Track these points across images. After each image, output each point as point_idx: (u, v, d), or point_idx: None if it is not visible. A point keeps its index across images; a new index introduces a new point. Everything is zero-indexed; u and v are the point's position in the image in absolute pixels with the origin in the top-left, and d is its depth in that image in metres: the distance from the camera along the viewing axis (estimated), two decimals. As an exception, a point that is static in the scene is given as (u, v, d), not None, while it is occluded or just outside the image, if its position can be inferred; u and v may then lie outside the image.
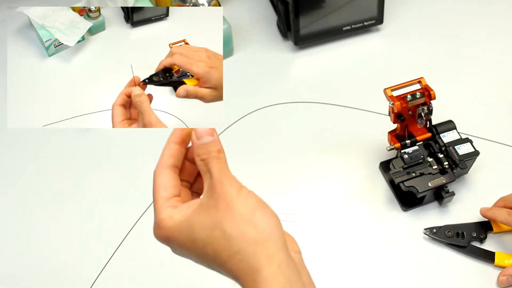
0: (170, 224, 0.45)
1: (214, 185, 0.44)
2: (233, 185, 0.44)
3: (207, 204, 0.44)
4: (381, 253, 0.69)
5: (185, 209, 0.45)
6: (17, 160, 0.78)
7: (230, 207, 0.43)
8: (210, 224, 0.43)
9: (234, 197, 0.43)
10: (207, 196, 0.44)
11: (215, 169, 0.45)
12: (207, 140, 0.46)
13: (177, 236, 0.45)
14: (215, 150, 0.45)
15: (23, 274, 0.68)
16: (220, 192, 0.44)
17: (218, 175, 0.44)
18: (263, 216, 0.44)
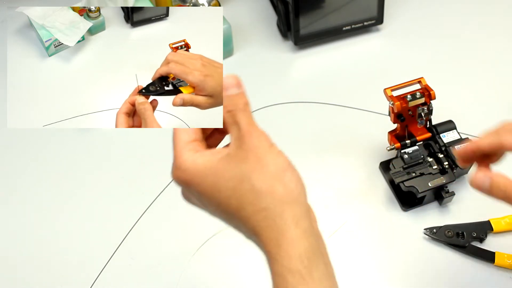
0: (192, 167, 0.43)
1: (243, 136, 0.43)
2: (263, 139, 0.43)
3: (236, 155, 0.43)
4: (381, 253, 0.69)
5: (209, 155, 0.44)
6: (17, 160, 0.78)
7: (260, 161, 0.42)
8: (238, 175, 0.42)
9: (265, 152, 0.43)
10: (236, 147, 0.43)
11: (243, 121, 0.44)
12: (233, 92, 0.45)
13: (200, 182, 0.43)
14: (242, 103, 0.44)
15: (23, 274, 0.68)
16: (250, 143, 0.43)
17: (247, 127, 0.43)
18: (292, 178, 0.43)
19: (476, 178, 0.54)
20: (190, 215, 0.73)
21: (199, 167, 0.43)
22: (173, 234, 0.71)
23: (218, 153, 0.44)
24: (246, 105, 0.45)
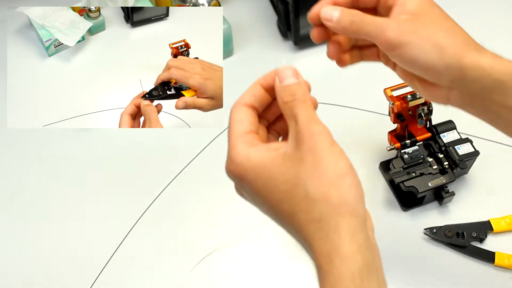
0: (245, 163, 0.41)
1: (302, 133, 0.40)
2: (324, 137, 0.40)
3: (293, 156, 0.40)
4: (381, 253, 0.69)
5: (264, 151, 0.41)
6: (16, 160, 0.78)
7: (318, 164, 0.39)
8: (293, 179, 0.39)
9: (324, 153, 0.39)
10: (293, 146, 0.40)
11: (302, 114, 0.40)
12: (290, 82, 0.42)
13: (253, 179, 0.41)
14: (301, 93, 0.41)
15: (22, 274, 0.68)
16: (308, 143, 0.39)
17: (306, 122, 0.40)
18: (352, 185, 0.40)
19: (324, 10, 0.47)
20: (190, 215, 0.73)
21: (253, 164, 0.41)
22: (173, 234, 0.71)
23: (274, 150, 0.41)
24: (306, 95, 0.42)
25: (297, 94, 0.41)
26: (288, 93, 0.42)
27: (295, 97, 0.41)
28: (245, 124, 0.43)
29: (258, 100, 0.44)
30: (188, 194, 0.74)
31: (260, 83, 0.45)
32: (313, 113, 0.41)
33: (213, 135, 0.79)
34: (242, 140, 0.42)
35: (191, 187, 0.75)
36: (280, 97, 0.42)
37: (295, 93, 0.42)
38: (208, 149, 0.78)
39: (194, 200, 0.74)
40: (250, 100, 0.44)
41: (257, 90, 0.45)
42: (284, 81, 0.42)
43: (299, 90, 0.42)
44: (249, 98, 0.44)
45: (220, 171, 0.76)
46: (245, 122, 0.43)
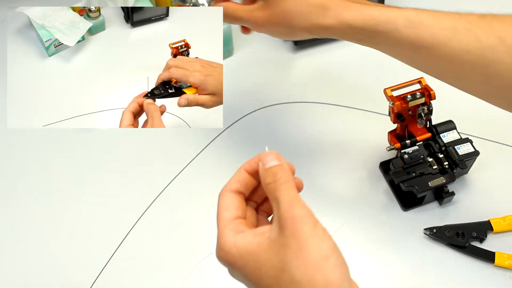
0: (234, 251, 0.42)
1: (284, 218, 0.41)
2: (306, 221, 0.41)
3: (277, 241, 0.41)
4: (381, 253, 0.69)
5: (251, 237, 0.42)
6: (16, 160, 0.78)
7: (302, 248, 0.40)
8: (279, 264, 0.41)
9: (307, 237, 0.40)
10: (277, 231, 0.41)
11: (283, 197, 0.42)
12: (273, 164, 0.44)
13: (242, 266, 0.42)
14: (283, 175, 0.43)
15: (22, 274, 0.68)
16: (291, 229, 0.40)
17: (288, 206, 0.41)
18: (336, 265, 0.41)
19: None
20: (191, 215, 0.73)
21: (241, 252, 0.42)
22: (173, 234, 0.71)
23: (261, 235, 0.42)
24: (288, 177, 0.43)
25: (279, 176, 0.43)
26: (271, 175, 0.43)
27: (277, 179, 0.43)
28: (232, 210, 0.44)
29: (244, 185, 0.46)
30: (188, 194, 0.74)
31: (244, 169, 0.46)
32: (295, 195, 0.42)
33: (213, 135, 0.79)
34: (229, 227, 0.43)
35: (191, 187, 0.75)
36: (263, 180, 0.44)
37: (276, 175, 0.43)
38: (208, 149, 0.78)
39: (194, 200, 0.74)
40: (236, 186, 0.46)
41: (242, 175, 0.46)
42: (267, 164, 0.44)
43: (281, 172, 0.43)
44: (235, 184, 0.46)
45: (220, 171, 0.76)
46: (232, 208, 0.45)
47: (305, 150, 0.78)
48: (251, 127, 0.80)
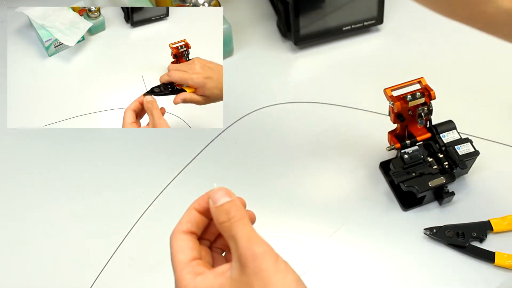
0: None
1: (245, 256, 0.40)
2: (267, 257, 0.40)
3: (239, 281, 0.40)
4: (381, 253, 0.69)
5: (211, 279, 0.41)
6: (16, 160, 0.78)
7: (267, 286, 0.39)
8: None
9: (270, 273, 0.39)
10: (238, 270, 0.40)
11: (241, 235, 0.41)
12: (224, 201, 0.43)
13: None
14: (236, 211, 0.42)
15: (22, 274, 0.68)
16: (253, 267, 0.39)
17: (246, 243, 0.40)
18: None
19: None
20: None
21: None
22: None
23: (221, 275, 0.41)
24: (241, 213, 0.42)
25: (232, 214, 0.42)
26: (224, 213, 0.42)
27: (231, 217, 0.42)
28: (186, 252, 0.43)
29: (195, 225, 0.45)
30: (188, 194, 0.74)
31: (194, 208, 0.46)
32: (252, 231, 0.41)
33: (213, 135, 0.79)
34: (187, 270, 0.42)
35: (191, 187, 0.75)
36: (216, 218, 0.43)
37: (230, 213, 0.42)
38: (208, 149, 0.78)
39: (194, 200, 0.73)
40: (187, 226, 0.45)
41: (192, 215, 0.45)
42: (217, 202, 0.43)
43: (233, 208, 0.42)
44: (186, 224, 0.45)
45: (220, 170, 0.76)
46: (186, 250, 0.43)
47: (305, 150, 0.78)
48: (251, 127, 0.80)
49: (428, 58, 0.88)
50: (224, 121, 0.79)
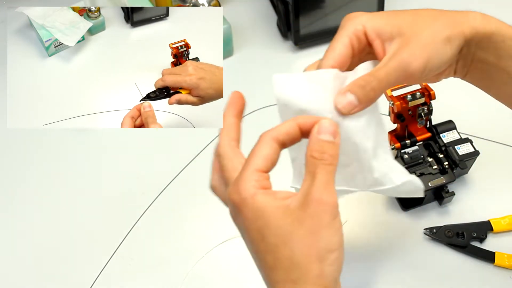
0: (249, 200, 0.41)
1: (312, 196, 0.40)
2: (330, 209, 0.40)
3: (295, 213, 0.40)
4: (381, 253, 0.69)
5: (271, 198, 0.41)
6: (16, 160, 0.78)
7: (313, 233, 0.40)
8: (285, 235, 0.40)
9: (324, 225, 0.40)
10: (299, 203, 0.40)
11: (320, 177, 0.40)
12: (326, 138, 0.41)
13: (249, 218, 0.41)
14: (331, 154, 0.41)
15: (22, 274, 0.68)
16: (313, 210, 0.40)
17: (321, 187, 0.40)
18: (335, 261, 0.41)
19: (339, 101, 0.46)
20: (190, 215, 0.73)
21: (255, 205, 0.40)
22: (173, 234, 0.71)
23: (281, 199, 0.41)
24: (334, 159, 0.41)
25: (326, 154, 0.41)
26: (320, 148, 0.41)
27: (323, 157, 0.41)
28: (267, 161, 0.42)
29: (290, 139, 0.44)
30: (188, 194, 0.74)
31: (298, 123, 0.43)
32: (332, 180, 0.41)
33: (213, 135, 0.79)
34: (253, 177, 0.41)
35: (191, 187, 0.75)
36: (310, 149, 0.42)
37: (325, 152, 0.41)
38: (208, 149, 0.78)
39: (194, 200, 0.74)
40: (284, 137, 0.43)
41: (293, 129, 0.43)
42: (322, 134, 0.42)
43: (331, 151, 0.41)
44: (284, 135, 0.43)
45: (220, 171, 0.76)
46: (268, 160, 0.42)
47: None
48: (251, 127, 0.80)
49: (428, 58, 0.88)
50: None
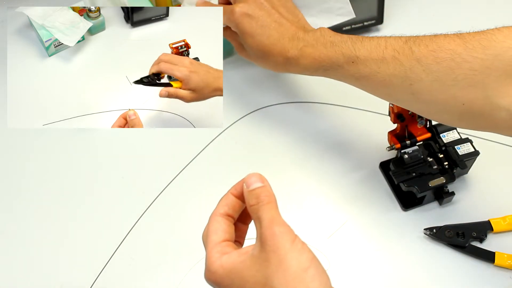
0: (220, 270, 0.45)
1: (265, 236, 0.43)
2: (285, 236, 0.43)
3: (259, 257, 0.43)
4: (381, 253, 0.69)
5: (235, 257, 0.45)
6: (16, 160, 0.78)
7: (282, 262, 0.42)
8: (261, 279, 0.43)
9: (286, 251, 0.43)
10: (258, 249, 0.44)
11: (265, 217, 0.44)
12: (256, 186, 0.46)
13: (228, 285, 0.45)
14: (265, 196, 0.45)
15: (22, 274, 0.68)
16: (271, 245, 0.43)
17: (269, 224, 0.44)
18: (315, 276, 0.43)
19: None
20: (191, 215, 0.73)
21: (226, 270, 0.45)
22: (173, 234, 0.71)
23: (244, 253, 0.45)
24: (271, 198, 0.45)
25: (262, 197, 0.45)
26: (254, 196, 0.46)
27: (259, 200, 0.45)
28: (219, 233, 0.47)
29: (231, 208, 0.48)
30: (188, 194, 0.74)
31: (231, 192, 0.49)
32: (276, 214, 0.45)
33: (213, 135, 0.79)
34: (216, 249, 0.46)
35: (191, 187, 0.75)
36: (247, 202, 0.46)
37: (259, 197, 0.45)
38: (208, 149, 0.78)
39: (194, 200, 0.74)
40: (224, 209, 0.48)
41: (229, 199, 0.48)
42: (250, 186, 0.46)
43: (263, 193, 0.46)
44: (223, 207, 0.48)
45: (220, 171, 0.76)
46: (219, 232, 0.47)
47: (305, 150, 0.78)
48: (251, 127, 0.80)
49: (428, 58, 0.88)
50: (224, 121, 0.79)
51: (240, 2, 0.68)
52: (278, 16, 0.67)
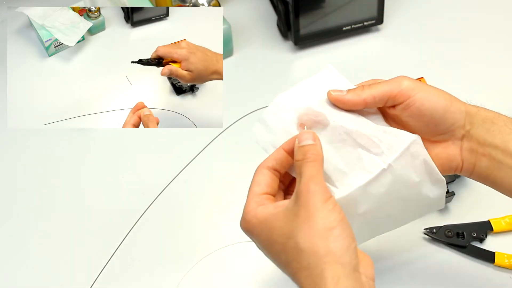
0: (253, 220, 0.46)
1: (300, 191, 0.44)
2: (318, 194, 0.44)
3: (290, 210, 0.44)
4: (381, 253, 0.69)
5: (270, 209, 0.46)
6: (16, 160, 0.78)
7: (309, 218, 0.43)
8: (287, 231, 0.44)
9: (316, 208, 0.43)
10: (292, 202, 0.44)
11: (305, 173, 0.45)
12: (308, 143, 0.46)
13: (258, 234, 0.46)
14: (312, 153, 0.46)
15: (22, 274, 0.68)
16: (304, 200, 0.43)
17: (306, 180, 0.44)
18: (339, 236, 0.43)
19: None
20: (191, 215, 0.73)
21: (259, 220, 0.46)
22: (173, 234, 0.71)
23: (279, 207, 0.45)
24: (317, 157, 0.46)
25: (308, 154, 0.46)
26: (301, 152, 0.46)
27: (306, 156, 0.46)
28: (261, 186, 0.48)
29: (279, 163, 0.49)
30: (188, 194, 0.74)
31: (283, 147, 0.49)
32: (317, 173, 0.45)
33: (213, 135, 0.79)
34: (255, 200, 0.47)
35: (191, 187, 0.75)
36: (295, 157, 0.47)
37: (307, 153, 0.46)
38: (208, 149, 0.78)
39: (194, 200, 0.74)
40: (272, 163, 0.49)
41: (279, 153, 0.49)
42: (301, 142, 0.47)
43: (311, 151, 0.46)
44: (271, 161, 0.49)
45: (220, 171, 0.76)
46: (262, 184, 0.48)
47: (305, 150, 0.77)
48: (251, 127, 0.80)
49: (428, 58, 0.88)
50: (224, 121, 0.79)
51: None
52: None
